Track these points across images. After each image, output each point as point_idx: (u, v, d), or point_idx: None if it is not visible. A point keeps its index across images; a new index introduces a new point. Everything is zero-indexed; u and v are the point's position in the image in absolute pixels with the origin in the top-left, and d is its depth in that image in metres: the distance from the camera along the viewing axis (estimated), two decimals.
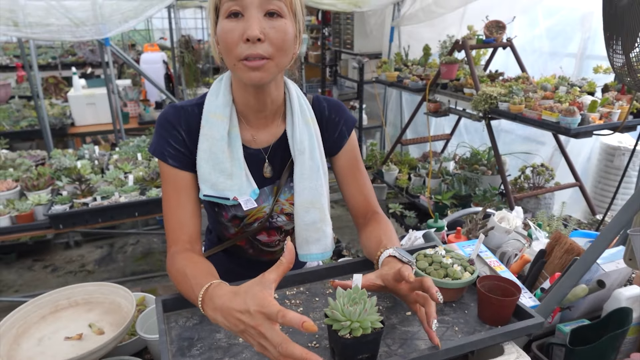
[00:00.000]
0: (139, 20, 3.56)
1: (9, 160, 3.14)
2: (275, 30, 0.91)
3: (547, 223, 1.72)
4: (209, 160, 1.02)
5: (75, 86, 4.55)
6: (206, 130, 1.02)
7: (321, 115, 1.15)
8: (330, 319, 0.77)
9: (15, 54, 7.52)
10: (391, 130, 5.43)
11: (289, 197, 1.13)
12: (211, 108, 1.03)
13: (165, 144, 1.03)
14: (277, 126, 1.11)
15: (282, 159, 1.12)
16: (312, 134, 1.09)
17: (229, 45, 0.91)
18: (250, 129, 1.08)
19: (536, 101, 2.83)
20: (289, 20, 0.94)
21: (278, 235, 1.20)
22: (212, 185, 1.03)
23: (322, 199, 1.10)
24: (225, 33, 0.91)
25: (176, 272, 0.94)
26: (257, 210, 1.12)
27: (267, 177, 1.12)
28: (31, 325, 1.09)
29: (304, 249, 1.12)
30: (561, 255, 1.28)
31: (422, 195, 3.70)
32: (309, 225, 1.10)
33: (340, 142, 1.16)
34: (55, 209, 2.49)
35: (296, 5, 0.95)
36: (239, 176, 1.04)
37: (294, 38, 0.96)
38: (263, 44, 0.90)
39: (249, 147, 1.08)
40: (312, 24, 6.28)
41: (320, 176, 1.09)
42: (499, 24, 3.37)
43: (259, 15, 0.90)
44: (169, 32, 5.63)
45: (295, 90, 1.11)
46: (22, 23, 2.95)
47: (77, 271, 3.73)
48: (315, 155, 1.08)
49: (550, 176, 3.39)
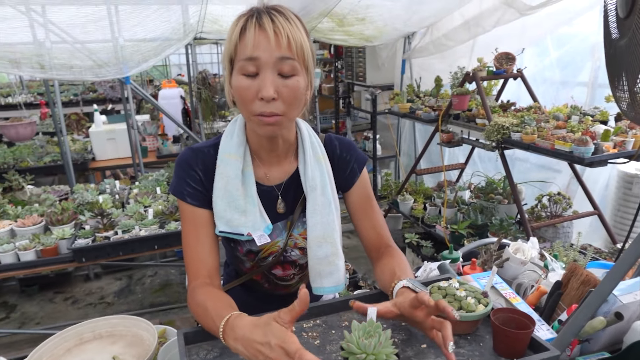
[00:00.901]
0: (157, 59, 3.72)
1: (34, 195, 3.25)
2: (288, 89, 0.96)
3: (564, 253, 1.72)
4: (224, 198, 1.07)
5: (97, 122, 4.71)
6: (221, 169, 1.08)
7: (333, 154, 1.20)
8: (346, 351, 0.80)
9: (39, 91, 7.84)
10: (405, 160, 5.46)
11: (302, 231, 1.16)
12: (226, 148, 1.09)
13: (184, 183, 1.09)
14: (289, 163, 1.16)
15: (294, 195, 1.16)
16: (323, 171, 1.13)
17: (244, 100, 0.97)
18: (263, 167, 1.14)
19: (549, 131, 2.85)
20: (301, 77, 0.98)
21: (293, 269, 1.23)
22: (227, 222, 1.08)
23: (334, 233, 1.13)
24: (241, 90, 0.97)
25: (197, 305, 0.98)
26: (271, 245, 1.15)
27: (281, 213, 1.16)
28: (58, 358, 1.13)
29: (317, 282, 1.15)
30: (577, 286, 1.28)
31: (438, 225, 3.70)
32: (322, 259, 1.13)
33: (351, 180, 1.20)
34: (79, 242, 2.55)
35: (308, 59, 1.00)
36: (252, 212, 1.09)
37: (306, 89, 1.02)
38: (276, 102, 0.96)
39: (263, 184, 1.13)
40: (325, 58, 6.43)
41: (332, 211, 1.13)
42: (509, 55, 3.43)
43: (273, 74, 0.95)
44: (187, 68, 5.82)
45: (306, 129, 1.16)
46: (47, 65, 3.10)
47: (97, 303, 3.77)
48: (326, 191, 1.12)
49: (568, 205, 3.36)
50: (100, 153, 4.65)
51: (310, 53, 1.00)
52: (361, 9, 3.92)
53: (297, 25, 0.97)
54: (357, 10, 3.95)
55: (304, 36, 0.98)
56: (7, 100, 6.99)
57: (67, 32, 3.06)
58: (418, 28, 4.55)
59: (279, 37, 0.93)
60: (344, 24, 4.31)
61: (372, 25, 4.28)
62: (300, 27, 0.98)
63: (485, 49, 3.63)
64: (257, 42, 0.93)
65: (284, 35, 0.93)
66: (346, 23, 4.28)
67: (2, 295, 3.91)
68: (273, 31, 0.93)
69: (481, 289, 1.09)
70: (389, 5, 3.90)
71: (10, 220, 2.81)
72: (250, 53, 0.94)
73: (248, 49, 0.94)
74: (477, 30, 3.76)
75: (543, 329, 1.17)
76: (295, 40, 0.95)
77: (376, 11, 3.98)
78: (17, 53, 2.98)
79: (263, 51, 0.93)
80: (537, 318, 1.20)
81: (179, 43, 3.69)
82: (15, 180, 3.48)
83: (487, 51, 3.55)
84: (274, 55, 0.94)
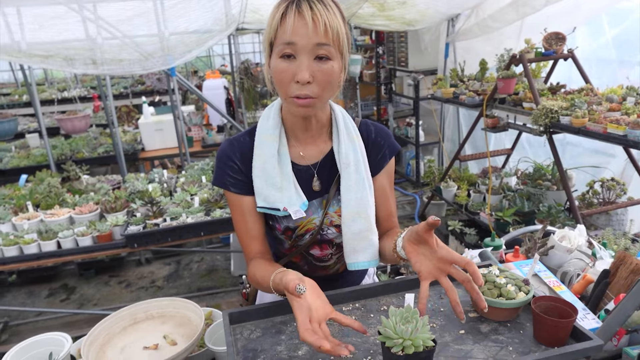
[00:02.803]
0: (200, 50, 3.81)
1: (90, 185, 3.44)
2: (323, 73, 1.01)
3: (614, 241, 1.65)
4: (262, 176, 1.13)
5: (145, 114, 4.90)
6: (259, 150, 1.14)
7: (367, 137, 1.23)
8: (383, 336, 0.81)
9: (92, 85, 8.21)
10: (449, 146, 5.36)
11: (337, 209, 1.19)
12: (262, 130, 1.16)
13: (225, 175, 1.16)
14: (324, 143, 1.20)
15: (330, 174, 1.20)
16: (356, 149, 1.16)
17: (281, 83, 1.03)
18: (299, 146, 1.18)
19: (601, 114, 2.72)
20: (336, 62, 1.03)
21: (330, 248, 1.26)
22: (264, 198, 1.13)
23: (368, 209, 1.16)
24: (279, 72, 1.02)
25: (252, 278, 1.13)
26: (308, 222, 1.19)
27: (316, 191, 1.20)
28: (114, 336, 1.21)
29: (352, 257, 1.18)
30: (627, 275, 1.24)
31: (483, 212, 3.63)
32: (356, 234, 1.15)
33: (381, 165, 1.23)
34: (131, 229, 2.69)
35: (344, 45, 1.04)
36: (288, 189, 1.14)
37: (340, 73, 1.06)
38: (311, 85, 1.01)
39: (298, 164, 1.18)
40: (366, 44, 6.36)
41: (365, 187, 1.16)
42: (559, 35, 3.28)
43: (310, 59, 1.00)
44: (229, 58, 5.94)
45: (340, 111, 1.21)
46: (99, 60, 3.25)
47: (148, 287, 3.96)
48: (360, 168, 1.15)
49: (622, 191, 3.20)
50: (149, 143, 4.84)
51: (345, 38, 1.04)
52: None
53: (334, 11, 1.01)
54: None
55: (341, 22, 1.02)
56: (63, 94, 7.38)
57: (116, 27, 3.19)
58: (462, 10, 4.41)
59: (317, 24, 0.98)
60: (385, 9, 4.25)
61: (413, 9, 4.19)
62: (337, 13, 1.02)
63: (535, 30, 3.48)
64: (295, 28, 0.98)
65: (321, 22, 0.98)
66: (387, 7, 4.21)
67: (63, 278, 4.19)
68: (311, 18, 0.97)
69: (523, 276, 1.07)
70: None
71: (69, 208, 2.99)
72: (289, 38, 0.98)
73: (287, 35, 0.99)
74: (525, 10, 3.61)
75: (588, 318, 1.14)
76: (332, 27, 0.99)
77: None
78: (70, 49, 3.15)
79: (301, 37, 0.98)
80: (582, 307, 1.18)
81: (222, 34, 3.76)
82: (72, 170, 3.69)
83: (536, 32, 3.41)
84: (311, 42, 0.98)
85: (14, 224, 2.85)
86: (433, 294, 1.13)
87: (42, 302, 3.82)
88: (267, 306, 1.07)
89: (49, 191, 3.12)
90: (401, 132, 5.71)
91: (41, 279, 4.15)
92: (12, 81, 9.62)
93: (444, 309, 1.06)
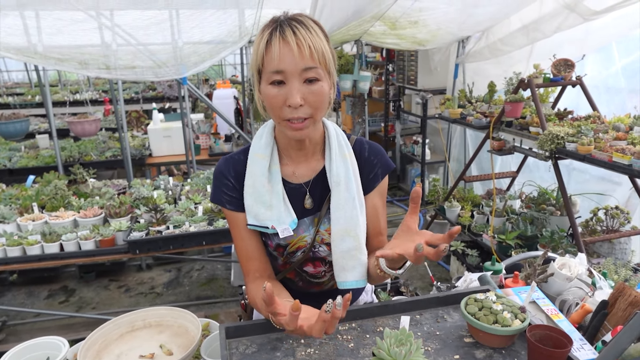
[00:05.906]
0: (213, 61, 3.86)
1: (96, 188, 3.47)
2: (313, 94, 1.03)
3: (614, 271, 1.64)
4: (252, 194, 1.16)
5: (155, 120, 4.95)
6: (250, 168, 1.17)
7: (361, 155, 1.24)
8: (377, 357, 0.82)
9: (104, 88, 8.31)
10: (455, 166, 5.36)
11: (328, 227, 1.21)
12: (255, 149, 1.19)
13: (221, 192, 1.20)
14: (317, 161, 1.22)
15: (322, 192, 1.22)
16: (348, 168, 1.18)
17: (273, 107, 1.05)
18: (292, 165, 1.21)
19: (607, 142, 2.72)
20: (325, 81, 1.05)
21: (323, 266, 1.27)
22: (254, 216, 1.16)
23: (357, 228, 1.17)
24: (270, 98, 1.04)
25: (252, 301, 1.16)
26: (299, 239, 1.21)
27: (308, 209, 1.21)
28: (111, 342, 1.22)
29: (341, 276, 1.18)
30: (625, 307, 1.24)
31: (485, 234, 3.62)
32: (345, 252, 1.16)
33: (373, 183, 1.24)
34: (134, 235, 2.71)
35: (330, 63, 1.07)
36: (277, 207, 1.15)
37: (329, 90, 1.08)
38: (303, 108, 1.04)
39: (291, 182, 1.20)
40: (376, 60, 6.42)
41: (355, 206, 1.17)
42: (567, 62, 3.30)
43: (299, 83, 1.02)
44: (240, 68, 6.01)
45: (333, 128, 1.23)
46: (113, 66, 3.31)
47: (147, 292, 3.97)
48: (351, 187, 1.17)
49: (626, 219, 3.19)
50: (156, 149, 4.88)
51: (331, 57, 1.07)
52: (414, 12, 3.89)
53: (316, 32, 1.04)
54: (410, 14, 3.93)
55: (324, 42, 1.05)
56: (75, 96, 7.47)
57: (131, 34, 3.25)
58: (473, 32, 4.45)
59: (302, 49, 1.00)
60: (396, 27, 4.29)
61: (425, 29, 4.23)
62: (320, 33, 1.05)
63: (545, 55, 3.49)
64: (282, 56, 1.00)
65: (305, 46, 1.00)
66: (398, 26, 4.26)
67: (64, 280, 4.20)
68: (296, 44, 1.00)
69: (520, 303, 1.07)
70: (443, 9, 3.84)
71: (74, 211, 3.01)
72: (277, 67, 1.01)
73: (274, 63, 1.01)
74: (536, 35, 3.64)
75: (585, 349, 1.14)
76: (317, 50, 1.02)
77: (430, 14, 3.94)
78: (85, 54, 3.20)
79: (288, 64, 1.01)
80: (579, 337, 1.17)
81: (235, 45, 3.81)
82: (79, 173, 3.72)
83: (546, 57, 3.43)
84: (298, 67, 1.01)
85: (18, 224, 2.87)
86: (430, 317, 1.13)
87: (41, 303, 3.84)
88: (264, 322, 1.08)
89: (55, 193, 3.15)
90: (407, 149, 5.72)
91: (41, 279, 4.17)
92: (26, 81, 9.77)
93: (439, 333, 1.06)
